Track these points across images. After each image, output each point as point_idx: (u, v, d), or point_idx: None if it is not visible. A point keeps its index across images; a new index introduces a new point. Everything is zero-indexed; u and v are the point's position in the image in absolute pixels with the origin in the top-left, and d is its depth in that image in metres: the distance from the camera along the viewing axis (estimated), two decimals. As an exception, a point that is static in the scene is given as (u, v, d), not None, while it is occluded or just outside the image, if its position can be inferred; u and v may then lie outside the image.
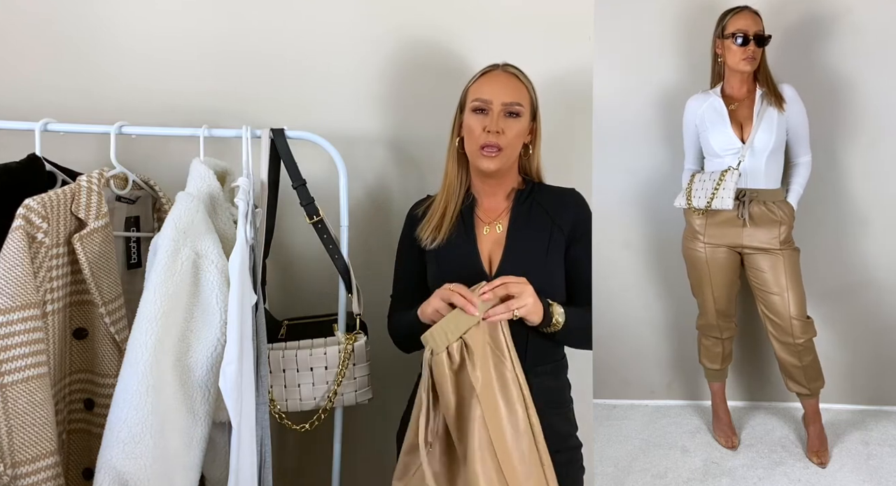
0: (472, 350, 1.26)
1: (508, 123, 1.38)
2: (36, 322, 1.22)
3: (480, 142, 1.38)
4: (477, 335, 1.26)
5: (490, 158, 1.37)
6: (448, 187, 1.45)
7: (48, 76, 1.72)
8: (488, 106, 1.38)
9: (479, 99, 1.39)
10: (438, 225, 1.44)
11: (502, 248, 1.41)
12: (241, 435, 1.25)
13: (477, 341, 1.26)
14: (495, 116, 1.37)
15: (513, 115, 1.38)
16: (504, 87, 1.39)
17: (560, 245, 1.40)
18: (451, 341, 1.26)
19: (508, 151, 1.38)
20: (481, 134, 1.37)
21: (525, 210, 1.43)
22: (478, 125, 1.38)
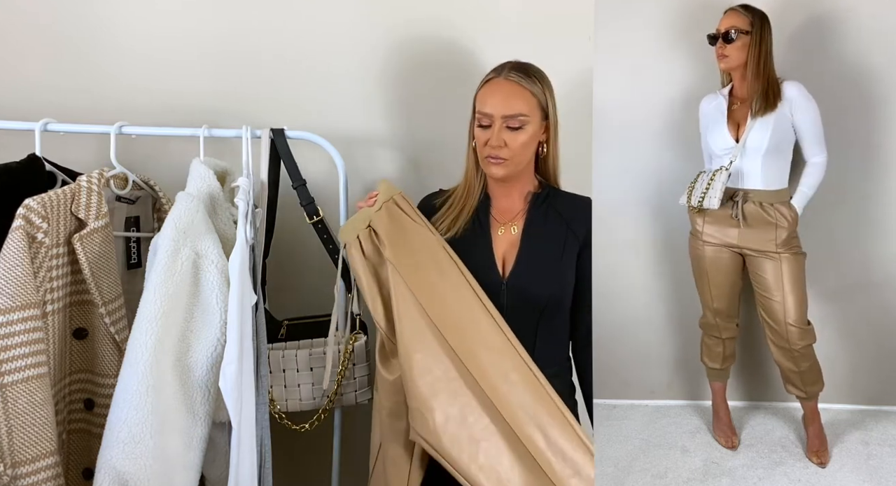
0: (380, 233, 1.38)
1: (511, 135, 1.38)
2: (36, 322, 1.22)
3: (485, 154, 1.40)
4: (381, 218, 1.39)
5: (497, 166, 1.39)
6: (468, 185, 1.46)
7: (48, 76, 1.72)
8: (490, 120, 1.38)
9: (480, 112, 1.40)
10: (456, 219, 1.45)
11: (517, 250, 1.41)
12: (241, 435, 1.25)
13: (382, 222, 1.39)
14: (496, 130, 1.37)
15: (514, 128, 1.38)
16: (504, 100, 1.38)
17: (573, 251, 1.42)
18: (359, 230, 1.40)
19: (515, 159, 1.39)
20: (484, 147, 1.39)
21: (541, 214, 1.44)
22: (482, 138, 1.40)
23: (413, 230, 1.39)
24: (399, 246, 1.36)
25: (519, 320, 1.35)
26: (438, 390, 1.28)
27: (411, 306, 1.32)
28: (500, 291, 1.38)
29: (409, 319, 1.32)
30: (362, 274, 1.39)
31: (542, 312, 1.39)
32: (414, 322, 1.31)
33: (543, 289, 1.39)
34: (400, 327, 1.32)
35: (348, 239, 1.41)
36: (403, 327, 1.32)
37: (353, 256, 1.40)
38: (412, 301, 1.32)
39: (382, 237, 1.37)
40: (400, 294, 1.33)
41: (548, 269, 1.40)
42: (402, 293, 1.33)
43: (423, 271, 1.34)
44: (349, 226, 1.43)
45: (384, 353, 1.39)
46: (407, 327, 1.31)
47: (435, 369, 1.29)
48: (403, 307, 1.32)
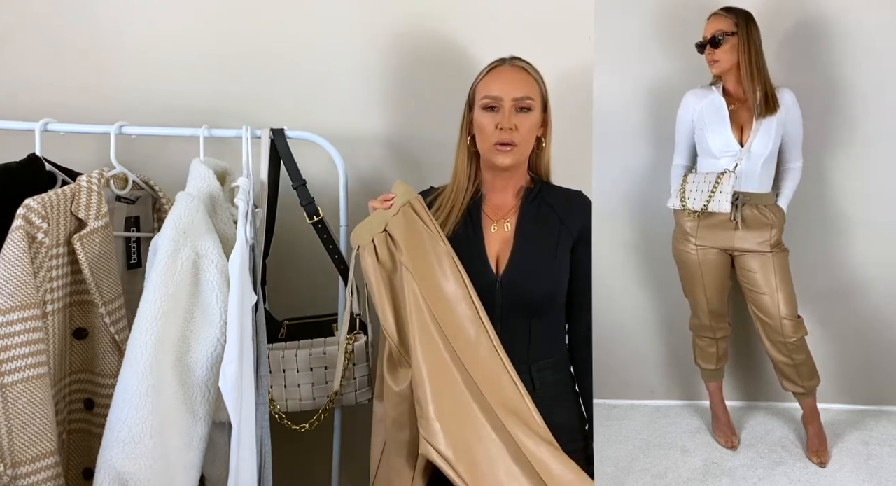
0: (396, 238, 1.33)
1: (520, 118, 1.36)
2: (36, 322, 1.22)
3: (493, 140, 1.37)
4: (398, 223, 1.34)
5: (505, 154, 1.36)
6: (457, 184, 1.44)
7: (48, 76, 1.72)
8: (499, 103, 1.36)
9: (488, 96, 1.37)
10: (447, 218, 1.42)
11: (510, 248, 1.40)
12: (241, 435, 1.25)
13: (399, 227, 1.33)
14: (507, 112, 1.36)
15: (524, 110, 1.37)
16: (513, 82, 1.37)
17: (567, 247, 1.40)
18: (374, 233, 1.34)
19: (523, 146, 1.38)
20: (494, 132, 1.36)
21: (534, 210, 1.42)
22: (490, 123, 1.37)
23: (428, 237, 1.34)
24: (416, 253, 1.32)
25: (513, 317, 1.35)
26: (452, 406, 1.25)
27: (426, 318, 1.28)
28: (495, 289, 1.37)
29: (423, 332, 1.27)
30: (374, 280, 1.34)
31: (536, 309, 1.38)
32: (429, 336, 1.27)
33: (537, 286, 1.37)
34: (414, 340, 1.27)
35: (362, 242, 1.35)
36: (417, 340, 1.27)
37: (365, 259, 1.35)
38: (427, 313, 1.28)
39: (399, 243, 1.32)
40: (415, 304, 1.28)
41: (542, 266, 1.38)
42: (417, 304, 1.28)
43: (436, 280, 1.31)
44: (363, 229, 1.37)
45: (392, 362, 1.35)
46: (421, 340, 1.27)
47: (448, 384, 1.26)
48: (418, 319, 1.28)
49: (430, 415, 1.24)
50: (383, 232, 1.34)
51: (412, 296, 1.29)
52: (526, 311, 1.37)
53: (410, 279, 1.29)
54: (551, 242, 1.40)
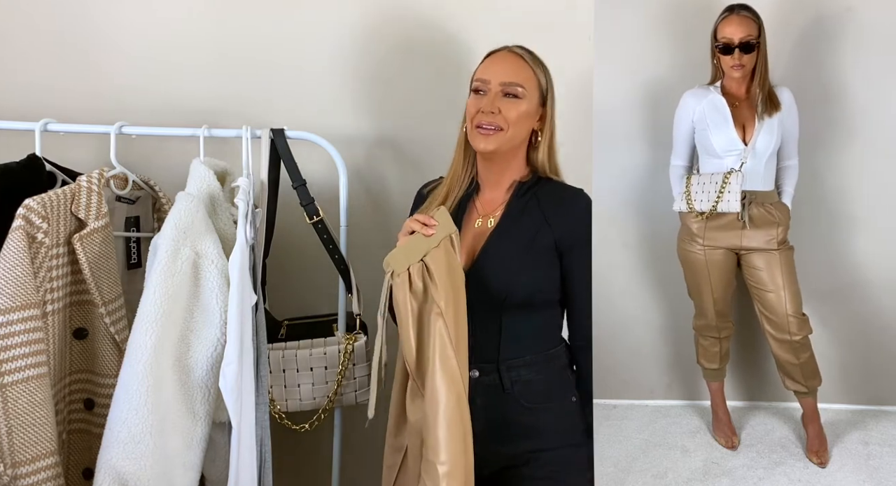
0: (433, 272, 1.24)
1: (506, 103, 1.32)
2: (36, 322, 1.22)
3: (475, 122, 1.33)
4: (438, 257, 1.25)
5: (485, 137, 1.31)
6: (452, 175, 1.41)
7: (48, 76, 1.72)
8: (486, 86, 1.33)
9: (478, 79, 1.35)
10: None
11: (483, 242, 1.36)
12: (241, 435, 1.25)
13: (438, 262, 1.24)
14: (492, 95, 1.32)
15: (512, 96, 1.32)
16: (504, 67, 1.34)
17: (547, 243, 1.34)
18: (411, 262, 1.25)
19: (510, 132, 1.32)
20: (476, 114, 1.33)
21: (521, 205, 1.37)
22: (473, 106, 1.34)
23: (457, 274, 1.27)
24: (448, 291, 1.24)
25: (482, 312, 1.30)
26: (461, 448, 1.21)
27: (450, 356, 1.21)
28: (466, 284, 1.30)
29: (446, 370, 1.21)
30: (404, 310, 1.26)
31: (505, 305, 1.32)
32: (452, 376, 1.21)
33: (502, 283, 1.32)
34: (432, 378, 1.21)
35: (398, 269, 1.28)
36: (437, 379, 1.21)
37: (398, 286, 1.27)
38: (452, 352, 1.22)
39: (436, 278, 1.24)
40: (440, 344, 1.22)
41: (511, 262, 1.32)
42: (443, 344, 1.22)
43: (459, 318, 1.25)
44: (402, 254, 1.28)
45: (414, 391, 1.29)
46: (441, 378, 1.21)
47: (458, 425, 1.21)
48: (442, 357, 1.21)
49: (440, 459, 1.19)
50: (420, 262, 1.26)
51: (439, 337, 1.22)
52: (495, 306, 1.32)
53: (437, 317, 1.22)
54: (527, 238, 1.34)
